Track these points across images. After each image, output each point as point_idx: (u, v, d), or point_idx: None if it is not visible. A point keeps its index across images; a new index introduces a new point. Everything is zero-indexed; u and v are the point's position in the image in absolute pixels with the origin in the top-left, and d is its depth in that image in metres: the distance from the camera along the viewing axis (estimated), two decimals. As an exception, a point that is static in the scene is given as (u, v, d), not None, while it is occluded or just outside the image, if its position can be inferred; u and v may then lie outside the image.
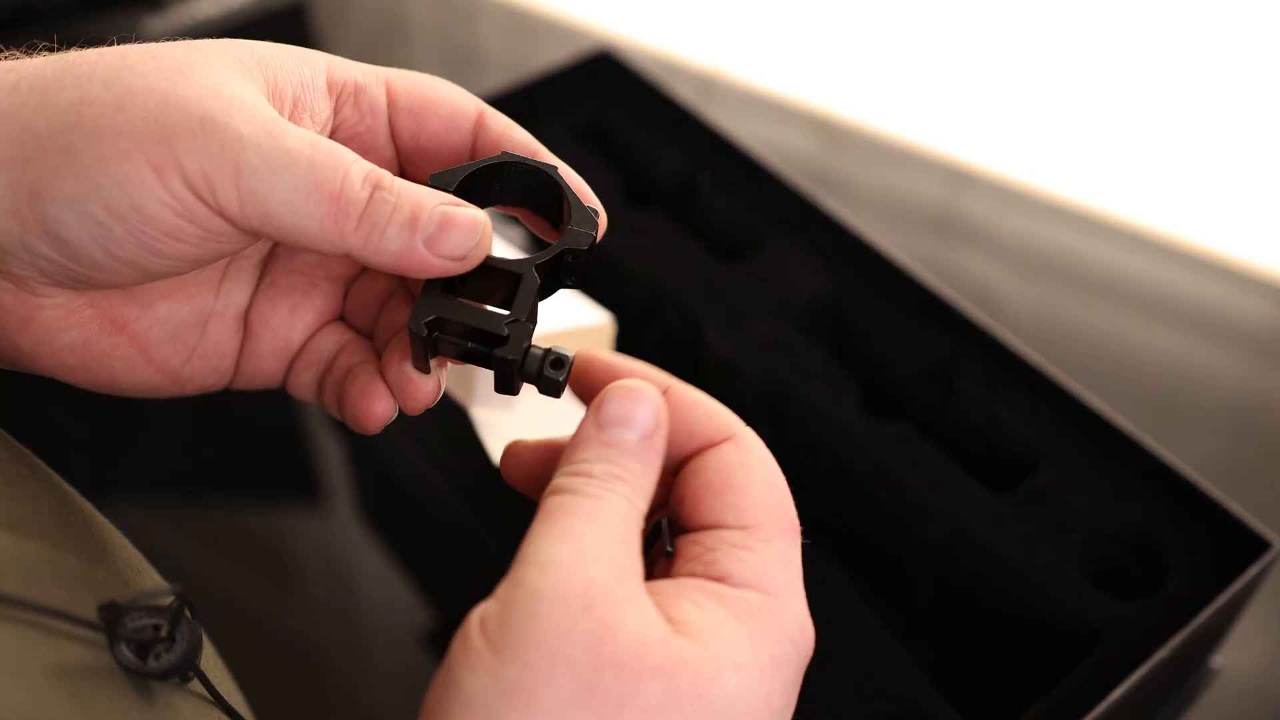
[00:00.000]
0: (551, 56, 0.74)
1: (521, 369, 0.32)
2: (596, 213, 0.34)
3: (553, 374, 0.32)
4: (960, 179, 0.83)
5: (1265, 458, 0.67)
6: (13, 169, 0.29)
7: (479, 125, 0.35)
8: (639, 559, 0.28)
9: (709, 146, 0.66)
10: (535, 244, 0.63)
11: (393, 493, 0.64)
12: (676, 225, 0.63)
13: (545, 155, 0.35)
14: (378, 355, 0.36)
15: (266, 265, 0.37)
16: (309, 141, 0.30)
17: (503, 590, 0.27)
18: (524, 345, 0.32)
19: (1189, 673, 0.54)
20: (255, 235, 0.32)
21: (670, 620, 0.27)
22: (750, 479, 0.30)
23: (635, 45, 0.94)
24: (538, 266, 0.32)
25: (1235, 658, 0.55)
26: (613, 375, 0.32)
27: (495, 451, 0.50)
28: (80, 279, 0.31)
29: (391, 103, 0.35)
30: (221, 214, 0.30)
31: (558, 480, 0.29)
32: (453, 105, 0.35)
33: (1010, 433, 0.54)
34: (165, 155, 0.29)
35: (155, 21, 0.90)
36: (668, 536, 0.31)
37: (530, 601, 0.26)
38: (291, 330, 0.37)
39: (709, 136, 0.66)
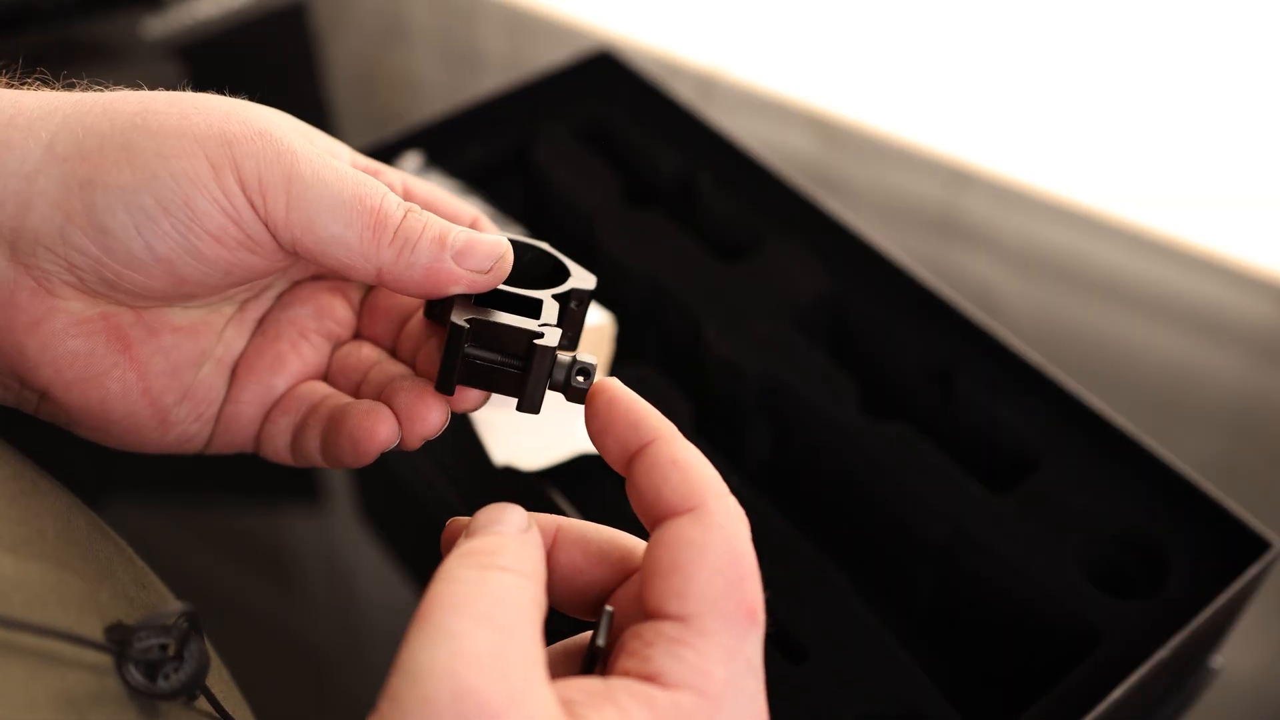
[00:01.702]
0: (551, 56, 0.74)
1: (550, 376, 0.34)
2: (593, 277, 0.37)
3: (580, 382, 0.33)
4: (960, 179, 0.83)
5: (1265, 458, 0.67)
6: (69, 162, 0.31)
7: (474, 225, 0.39)
8: (533, 645, 0.25)
9: (709, 146, 0.66)
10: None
11: (393, 493, 0.64)
12: (676, 225, 0.63)
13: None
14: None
15: (261, 319, 0.38)
16: (349, 169, 0.33)
17: (381, 704, 0.24)
18: (559, 341, 0.34)
19: (1189, 673, 0.54)
20: (292, 253, 0.33)
21: None
22: (700, 560, 0.27)
23: (635, 45, 0.94)
24: (554, 296, 0.35)
25: (1235, 658, 0.55)
26: (630, 413, 0.31)
27: (495, 451, 0.50)
28: (109, 279, 0.32)
29: (407, 193, 0.38)
30: (267, 222, 0.32)
31: (438, 571, 0.27)
32: (456, 205, 0.39)
33: (1010, 433, 0.54)
34: (225, 156, 0.31)
35: (155, 21, 0.90)
36: (603, 630, 0.28)
37: (414, 709, 0.24)
38: (275, 377, 0.38)
39: (709, 136, 0.66)
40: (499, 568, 0.27)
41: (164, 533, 0.62)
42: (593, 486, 0.51)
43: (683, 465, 0.29)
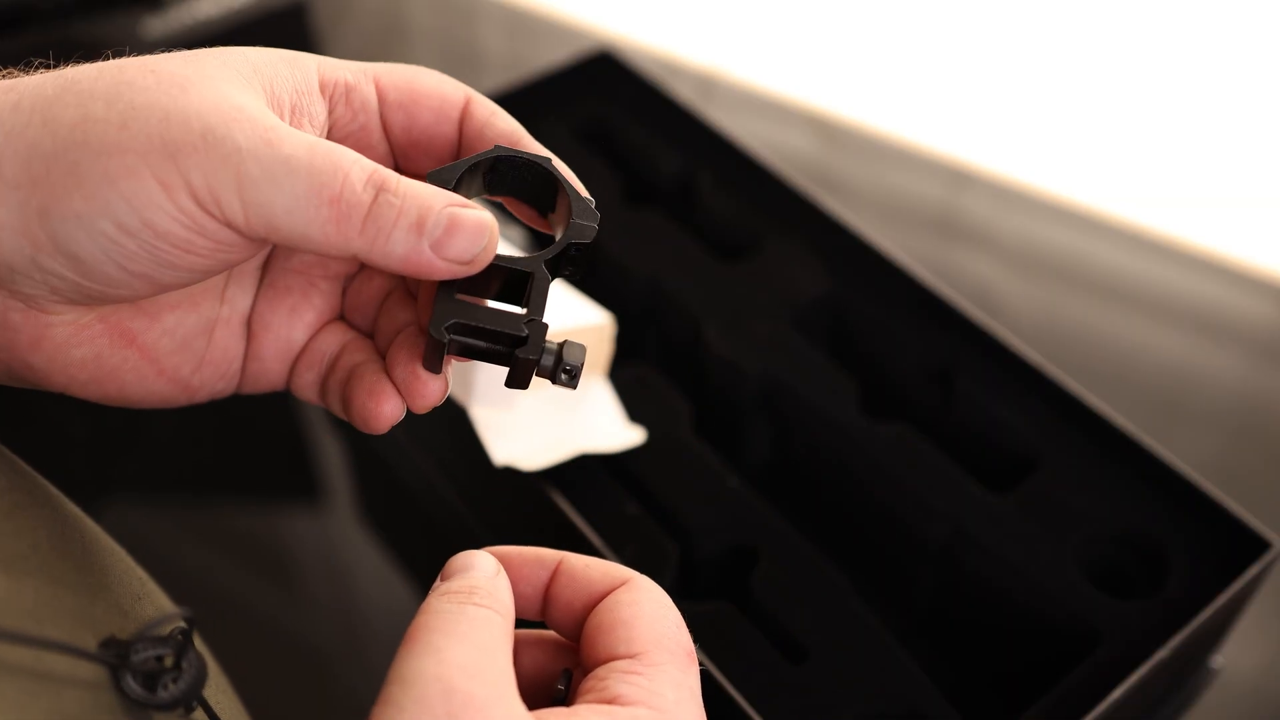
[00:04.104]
0: (551, 56, 0.74)
1: (538, 366, 0.33)
2: (594, 203, 0.34)
3: (568, 371, 0.33)
4: (960, 179, 0.83)
5: (1265, 458, 0.67)
6: (22, 189, 0.30)
7: (465, 113, 0.36)
8: (507, 667, 0.29)
9: (709, 146, 0.66)
10: (534, 241, 0.63)
11: (393, 493, 0.64)
12: (676, 225, 0.63)
13: (529, 142, 0.35)
14: (380, 354, 0.36)
15: (265, 268, 0.37)
16: (307, 147, 0.30)
17: (376, 709, 0.27)
18: (542, 345, 0.32)
19: (1189, 673, 0.54)
20: (264, 243, 0.32)
21: None
22: (638, 613, 0.31)
23: (635, 45, 0.94)
24: (546, 263, 0.33)
25: (1235, 658, 0.55)
26: (524, 554, 0.34)
27: (495, 451, 0.50)
28: (93, 295, 0.32)
29: (381, 99, 0.35)
30: (229, 225, 0.30)
31: (421, 607, 0.30)
32: (440, 95, 0.35)
33: (1010, 433, 0.54)
34: (171, 171, 0.29)
35: (155, 21, 0.90)
36: (564, 683, 0.32)
37: (395, 716, 0.27)
38: (293, 331, 0.37)
39: (709, 136, 0.66)
40: (474, 603, 0.30)
41: (164, 534, 0.62)
42: (593, 487, 0.51)
43: (597, 562, 0.33)
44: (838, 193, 0.81)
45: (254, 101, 0.31)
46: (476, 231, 0.31)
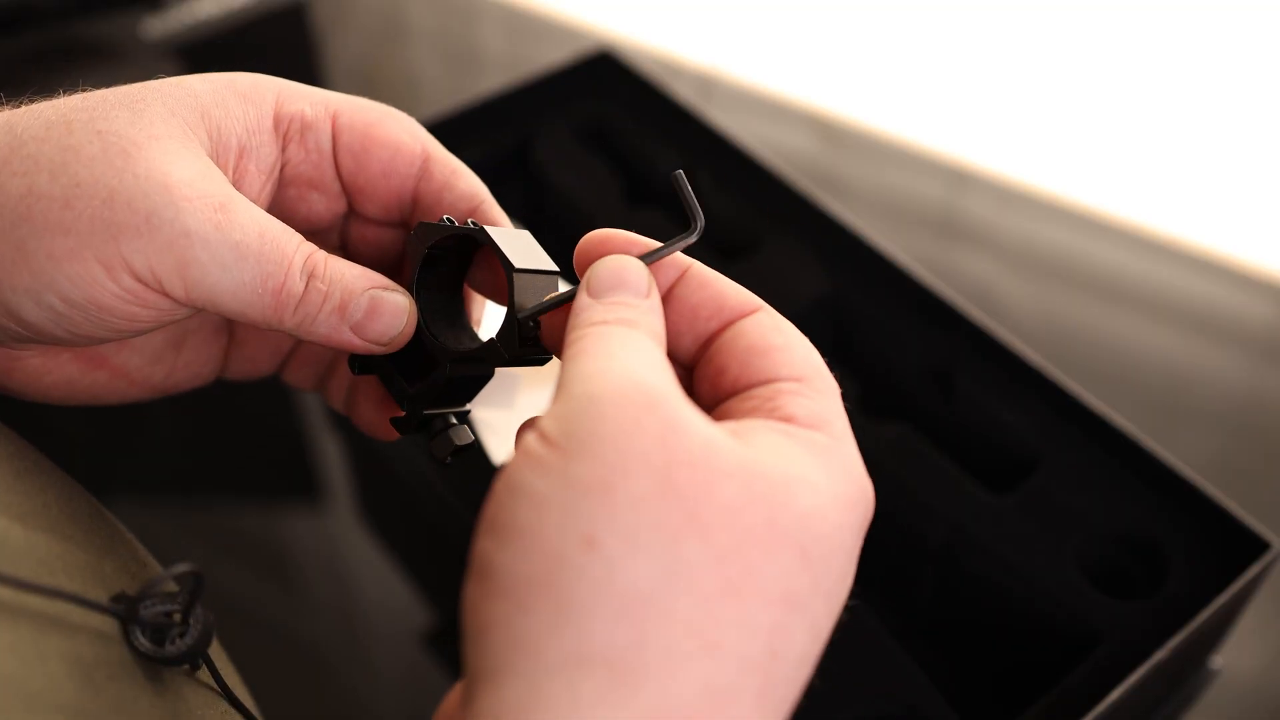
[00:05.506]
0: (551, 56, 0.74)
1: (417, 431, 0.35)
2: (529, 331, 0.33)
3: (437, 453, 0.35)
4: (960, 179, 0.83)
5: (1265, 458, 0.67)
6: None
7: (423, 172, 0.36)
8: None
9: (709, 146, 0.66)
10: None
11: (393, 493, 0.64)
12: (676, 225, 0.63)
13: (490, 207, 0.36)
14: None
15: None
16: (258, 233, 0.31)
17: (554, 405, 0.26)
18: (412, 425, 0.35)
19: (1189, 673, 0.54)
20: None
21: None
22: (792, 340, 0.30)
23: (635, 45, 0.94)
24: (453, 360, 0.34)
25: (1235, 658, 0.55)
26: (616, 248, 0.31)
27: (495, 451, 0.50)
28: (51, 343, 0.33)
29: (335, 140, 0.35)
30: (170, 297, 0.31)
31: (574, 334, 0.28)
32: (394, 148, 0.35)
33: (1010, 433, 0.54)
34: (113, 254, 0.30)
35: (155, 21, 0.90)
36: None
37: (590, 404, 0.25)
38: (281, 336, 0.38)
39: (709, 136, 0.66)
40: (640, 330, 0.28)
41: (164, 533, 0.62)
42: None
43: (725, 279, 0.31)
44: (838, 193, 0.81)
45: (200, 168, 0.31)
46: (394, 314, 0.33)
